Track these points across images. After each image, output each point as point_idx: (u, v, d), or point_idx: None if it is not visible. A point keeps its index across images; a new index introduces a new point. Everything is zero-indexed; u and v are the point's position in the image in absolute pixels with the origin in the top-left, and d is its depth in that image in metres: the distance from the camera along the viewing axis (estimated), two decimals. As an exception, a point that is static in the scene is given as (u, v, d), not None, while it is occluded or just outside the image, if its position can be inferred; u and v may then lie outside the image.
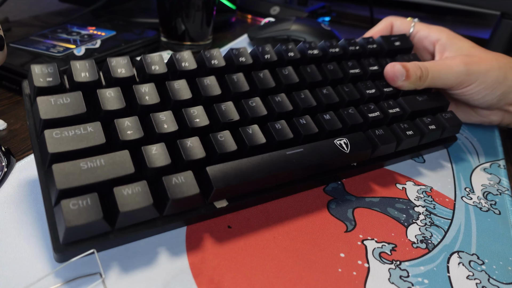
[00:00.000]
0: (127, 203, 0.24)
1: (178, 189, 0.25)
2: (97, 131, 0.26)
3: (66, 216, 0.22)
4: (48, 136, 0.24)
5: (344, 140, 0.32)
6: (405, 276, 0.27)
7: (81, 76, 0.28)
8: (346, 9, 0.88)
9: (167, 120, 0.28)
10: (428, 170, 0.38)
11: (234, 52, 0.34)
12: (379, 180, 0.36)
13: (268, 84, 0.34)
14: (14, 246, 0.25)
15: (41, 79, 0.27)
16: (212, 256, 0.26)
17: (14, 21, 0.62)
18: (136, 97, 0.28)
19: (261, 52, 0.35)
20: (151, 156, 0.26)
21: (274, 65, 0.36)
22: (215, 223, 0.29)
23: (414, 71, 0.39)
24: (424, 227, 0.31)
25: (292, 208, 0.31)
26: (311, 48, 0.38)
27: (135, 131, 0.27)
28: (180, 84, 0.30)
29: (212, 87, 0.31)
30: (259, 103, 0.32)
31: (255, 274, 0.25)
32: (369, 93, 0.38)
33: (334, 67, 0.38)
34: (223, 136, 0.29)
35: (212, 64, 0.33)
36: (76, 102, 0.26)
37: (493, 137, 0.45)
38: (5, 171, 0.31)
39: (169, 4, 0.56)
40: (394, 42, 0.43)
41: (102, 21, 0.60)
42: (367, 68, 0.40)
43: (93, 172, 0.24)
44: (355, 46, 0.41)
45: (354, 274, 0.26)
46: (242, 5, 0.80)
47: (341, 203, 0.32)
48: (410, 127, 0.36)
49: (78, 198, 0.23)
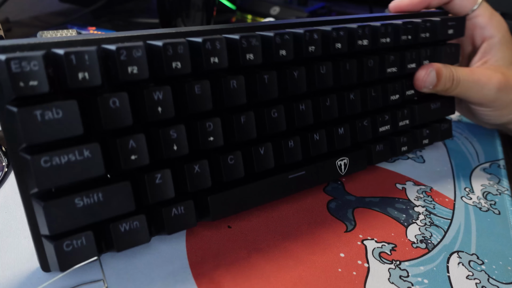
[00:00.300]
0: (124, 241, 0.22)
1: (177, 222, 0.24)
2: (96, 158, 0.21)
3: (59, 260, 0.20)
4: (35, 164, 0.19)
5: (345, 161, 0.32)
6: (405, 276, 0.27)
7: (78, 79, 0.20)
8: (346, 9, 0.88)
9: (178, 139, 0.23)
10: (428, 170, 0.38)
11: (277, 41, 0.26)
12: (379, 180, 0.36)
13: (299, 89, 0.28)
14: (15, 246, 0.25)
15: (21, 82, 0.18)
16: (212, 256, 0.26)
17: (14, 21, 0.62)
18: (146, 108, 0.22)
19: (307, 41, 0.27)
20: (154, 188, 0.23)
21: (316, 59, 0.29)
22: (215, 223, 0.29)
23: (445, 82, 0.35)
24: (424, 227, 0.31)
25: (292, 208, 0.31)
26: (361, 35, 0.30)
27: (141, 156, 0.22)
28: (202, 88, 0.23)
29: (238, 92, 0.25)
30: (282, 113, 0.27)
31: (255, 274, 0.25)
32: (392, 100, 0.34)
33: (375, 64, 0.32)
34: (233, 160, 0.26)
35: (247, 59, 0.25)
36: (70, 117, 0.20)
37: (493, 137, 0.45)
38: (6, 171, 0.31)
39: (169, 4, 0.56)
40: (448, 30, 0.36)
41: (102, 21, 0.60)
42: (406, 65, 0.34)
43: (90, 210, 0.21)
44: (408, 35, 0.33)
45: (354, 274, 0.26)
46: (242, 5, 0.80)
47: (341, 203, 0.32)
48: (408, 142, 0.35)
49: (72, 237, 0.21)
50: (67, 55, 0.19)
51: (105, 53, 0.21)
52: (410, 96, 0.36)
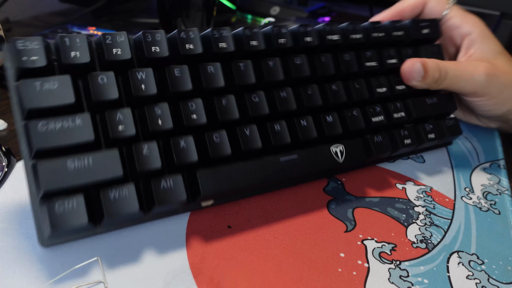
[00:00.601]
0: (113, 207, 0.23)
1: (166, 195, 0.25)
2: (86, 125, 0.24)
3: (50, 220, 0.22)
4: (33, 129, 0.23)
5: (340, 148, 0.32)
6: (405, 276, 0.27)
7: (70, 57, 0.24)
8: (346, 9, 0.88)
9: (163, 115, 0.26)
10: (428, 170, 0.38)
11: (246, 33, 0.30)
12: (379, 180, 0.36)
13: (276, 77, 0.30)
14: (14, 246, 0.25)
15: (24, 57, 0.23)
16: (212, 256, 0.26)
17: (14, 21, 0.62)
18: (131, 86, 0.26)
19: (276, 34, 0.31)
20: (142, 158, 0.25)
21: (288, 51, 0.32)
22: (215, 223, 0.29)
23: (433, 73, 0.36)
24: (424, 227, 0.31)
25: (292, 208, 0.31)
26: (332, 32, 0.33)
27: (127, 127, 0.25)
28: (181, 71, 0.27)
29: (215, 76, 0.28)
30: (263, 99, 0.30)
31: (255, 274, 0.25)
32: (379, 92, 0.35)
33: (351, 58, 0.34)
34: (218, 137, 0.27)
35: (220, 47, 0.29)
36: (64, 88, 0.24)
37: (493, 137, 0.45)
38: (6, 171, 0.31)
39: (169, 4, 0.56)
40: (422, 30, 0.38)
41: (102, 21, 0.60)
42: (385, 61, 0.36)
43: (80, 172, 0.23)
44: (379, 32, 0.36)
45: (354, 274, 0.26)
46: (242, 5, 0.80)
47: (341, 203, 0.32)
48: (410, 134, 0.35)
49: (64, 199, 0.22)
50: (62, 37, 0.25)
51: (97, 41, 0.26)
52: (402, 91, 0.36)
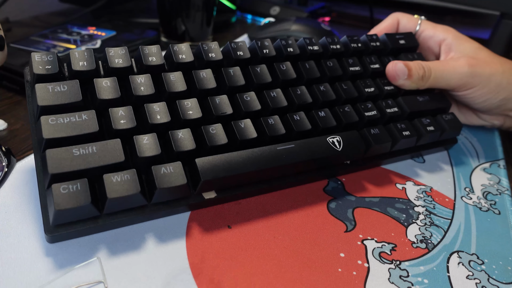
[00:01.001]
0: (115, 189, 0.25)
1: (166, 179, 0.26)
2: (91, 119, 0.26)
3: (55, 200, 0.23)
4: (44, 122, 0.25)
5: (337, 138, 0.32)
6: (405, 276, 0.27)
7: (79, 65, 0.28)
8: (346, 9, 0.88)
9: (161, 111, 0.29)
10: (428, 170, 0.38)
11: (233, 46, 0.34)
12: (379, 180, 0.36)
13: (264, 79, 0.33)
14: (14, 246, 0.25)
15: (40, 66, 0.28)
16: (212, 256, 0.26)
17: (14, 21, 0.62)
18: (132, 87, 0.29)
19: (259, 46, 0.35)
20: (142, 146, 0.27)
21: (273, 60, 0.35)
22: (215, 223, 0.29)
23: (417, 70, 0.38)
24: (424, 227, 0.31)
25: (292, 208, 0.31)
26: (311, 44, 0.37)
27: (128, 121, 0.27)
28: (176, 76, 0.31)
29: (207, 80, 0.31)
30: (254, 97, 0.32)
31: (255, 274, 0.25)
32: (368, 92, 0.37)
33: (334, 64, 0.38)
34: (214, 129, 0.29)
35: (210, 57, 0.33)
36: (72, 90, 0.27)
37: (493, 137, 0.45)
38: (6, 171, 0.31)
39: (169, 4, 0.56)
40: (398, 40, 0.42)
41: (102, 21, 0.60)
42: (368, 66, 0.39)
43: (85, 158, 0.25)
44: (357, 43, 0.40)
45: (354, 274, 0.26)
46: (242, 5, 0.80)
47: (341, 203, 0.32)
48: (407, 127, 0.36)
49: (69, 183, 0.24)
50: (72, 52, 0.29)
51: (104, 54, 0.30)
52: (391, 91, 0.39)
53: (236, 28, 0.74)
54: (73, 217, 0.25)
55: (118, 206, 0.26)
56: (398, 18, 0.46)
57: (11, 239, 0.26)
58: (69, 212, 0.24)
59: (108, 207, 0.25)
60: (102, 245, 0.26)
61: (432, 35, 0.43)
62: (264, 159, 0.29)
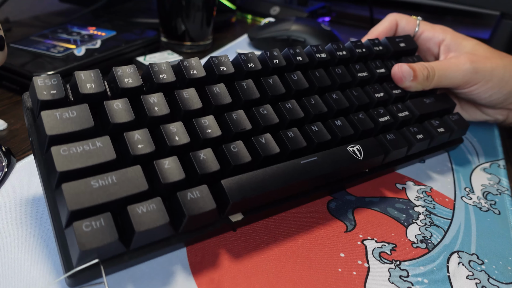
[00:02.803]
0: (142, 222, 0.23)
1: (195, 205, 0.24)
2: (107, 146, 0.24)
3: (79, 240, 0.21)
4: (55, 153, 0.23)
5: (357, 147, 0.32)
6: (405, 276, 0.27)
7: (86, 88, 0.26)
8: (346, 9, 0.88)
9: (178, 132, 0.27)
10: (428, 170, 0.38)
11: (243, 58, 0.33)
12: (379, 180, 0.36)
13: (278, 91, 0.33)
14: (14, 246, 0.25)
15: (44, 91, 0.25)
16: (212, 256, 0.26)
17: (14, 21, 0.62)
18: (145, 108, 0.27)
19: (269, 57, 0.34)
20: (164, 171, 0.25)
21: (283, 70, 0.35)
22: (215, 223, 0.29)
23: (421, 71, 0.38)
24: (424, 227, 0.31)
25: (292, 208, 0.31)
26: (318, 51, 0.37)
27: (146, 145, 0.25)
28: (190, 93, 0.29)
29: (222, 95, 0.30)
30: (270, 110, 0.31)
31: (255, 274, 0.25)
32: (378, 97, 0.37)
33: (342, 70, 0.37)
34: (236, 147, 0.28)
35: (221, 70, 0.31)
36: (83, 115, 0.25)
37: (493, 137, 0.45)
38: (6, 171, 0.31)
39: (169, 4, 0.56)
40: (399, 44, 0.42)
41: (102, 21, 0.60)
42: (375, 70, 0.39)
43: (105, 190, 0.23)
44: (362, 48, 0.40)
45: (354, 274, 0.26)
46: (242, 5, 0.80)
47: (341, 203, 0.32)
48: (420, 130, 0.36)
49: (91, 219, 0.22)
50: (78, 74, 0.27)
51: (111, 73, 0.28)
52: (399, 94, 0.39)
53: (236, 28, 0.74)
54: (98, 256, 0.22)
55: (146, 239, 0.24)
56: (396, 19, 0.46)
57: (11, 239, 0.26)
58: (95, 252, 0.22)
59: (135, 241, 0.23)
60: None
61: (431, 37, 0.44)
62: (290, 175, 0.28)
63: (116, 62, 0.51)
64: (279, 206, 0.29)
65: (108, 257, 0.23)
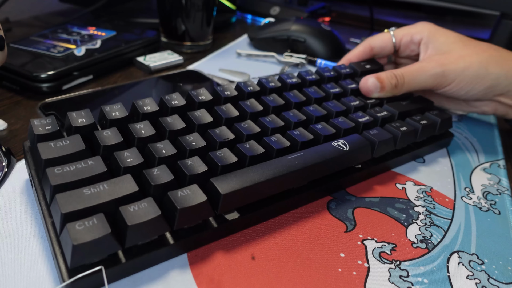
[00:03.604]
0: (135, 216, 0.23)
1: (185, 199, 0.25)
2: (98, 162, 0.26)
3: (72, 235, 0.22)
4: (50, 172, 0.25)
5: (342, 141, 0.33)
6: (405, 276, 0.27)
7: (78, 122, 0.29)
8: (346, 9, 0.88)
9: (165, 147, 0.29)
10: (428, 170, 0.38)
11: (219, 89, 0.36)
12: (379, 180, 0.36)
13: (256, 108, 0.35)
14: (14, 245, 0.25)
15: (40, 128, 0.28)
16: (212, 256, 0.26)
17: (14, 21, 0.62)
18: (132, 132, 0.29)
19: (244, 85, 0.38)
20: (154, 176, 0.26)
21: (258, 94, 0.38)
22: (215, 223, 0.29)
23: (389, 80, 0.39)
24: (424, 227, 0.31)
25: (292, 208, 0.31)
26: (290, 77, 0.40)
27: (135, 158, 0.27)
28: (173, 118, 0.32)
29: (203, 116, 0.33)
30: (251, 124, 0.33)
31: (255, 274, 0.25)
32: (354, 105, 0.39)
33: (315, 89, 0.40)
34: (222, 152, 0.29)
35: (200, 99, 0.34)
36: (75, 142, 0.27)
37: (493, 137, 0.45)
38: (6, 171, 0.31)
39: (169, 4, 0.56)
40: (364, 66, 0.45)
41: (102, 21, 0.60)
42: (346, 86, 0.41)
43: (97, 195, 0.24)
44: (330, 72, 0.43)
45: (354, 274, 0.26)
46: (242, 5, 0.80)
47: (341, 203, 0.32)
48: (403, 125, 0.37)
49: (84, 219, 0.22)
50: (70, 114, 0.30)
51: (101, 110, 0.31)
52: (375, 102, 0.40)
53: (236, 28, 0.74)
54: (92, 254, 0.22)
55: (140, 236, 0.24)
56: (370, 44, 0.46)
57: (11, 239, 0.26)
58: (88, 248, 0.22)
59: (129, 237, 0.23)
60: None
61: (410, 39, 0.44)
62: (277, 168, 0.29)
63: (116, 62, 0.51)
64: (276, 205, 0.29)
65: (104, 256, 0.23)
